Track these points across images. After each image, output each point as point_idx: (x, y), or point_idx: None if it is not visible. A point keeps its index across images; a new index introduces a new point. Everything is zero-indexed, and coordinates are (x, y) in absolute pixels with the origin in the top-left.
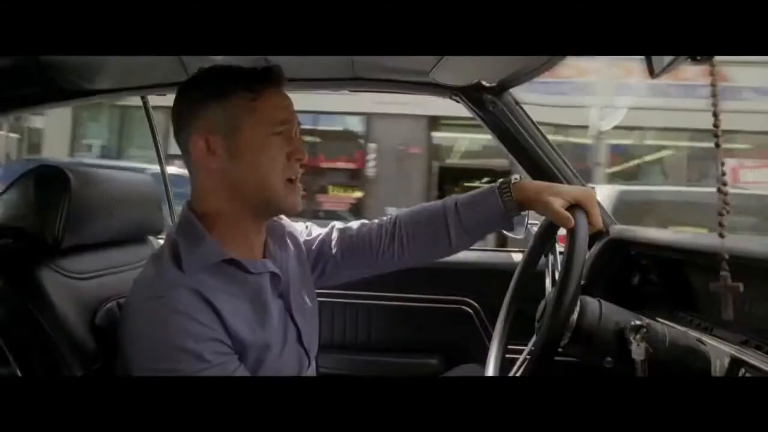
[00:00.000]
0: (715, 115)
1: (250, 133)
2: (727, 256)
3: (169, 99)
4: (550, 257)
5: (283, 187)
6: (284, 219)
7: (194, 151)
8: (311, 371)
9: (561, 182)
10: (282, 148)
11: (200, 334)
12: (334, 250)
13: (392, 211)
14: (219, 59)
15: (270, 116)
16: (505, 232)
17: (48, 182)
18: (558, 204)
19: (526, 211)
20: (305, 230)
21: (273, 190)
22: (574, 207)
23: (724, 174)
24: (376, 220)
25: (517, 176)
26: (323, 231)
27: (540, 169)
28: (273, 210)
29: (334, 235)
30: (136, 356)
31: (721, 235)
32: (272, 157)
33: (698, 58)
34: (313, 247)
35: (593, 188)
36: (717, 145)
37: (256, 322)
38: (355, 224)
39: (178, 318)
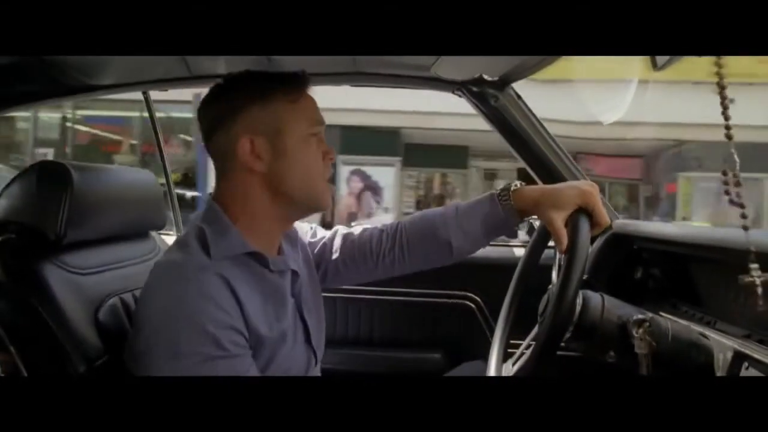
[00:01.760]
0: (725, 107)
1: (293, 135)
2: (754, 249)
3: None
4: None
5: (324, 186)
6: None
7: (241, 152)
8: (317, 371)
9: (562, 177)
10: (318, 148)
11: (222, 321)
12: (335, 254)
13: None
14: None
15: (308, 118)
16: (507, 238)
17: (50, 178)
18: (559, 220)
19: (527, 218)
20: (310, 231)
21: (316, 189)
22: (576, 211)
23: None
24: (379, 226)
25: (517, 183)
26: (327, 234)
27: (541, 164)
28: (312, 209)
29: (337, 239)
30: (154, 336)
31: (745, 228)
32: (314, 158)
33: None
34: (316, 249)
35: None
36: (729, 138)
37: (274, 318)
38: (357, 229)
39: (203, 302)
